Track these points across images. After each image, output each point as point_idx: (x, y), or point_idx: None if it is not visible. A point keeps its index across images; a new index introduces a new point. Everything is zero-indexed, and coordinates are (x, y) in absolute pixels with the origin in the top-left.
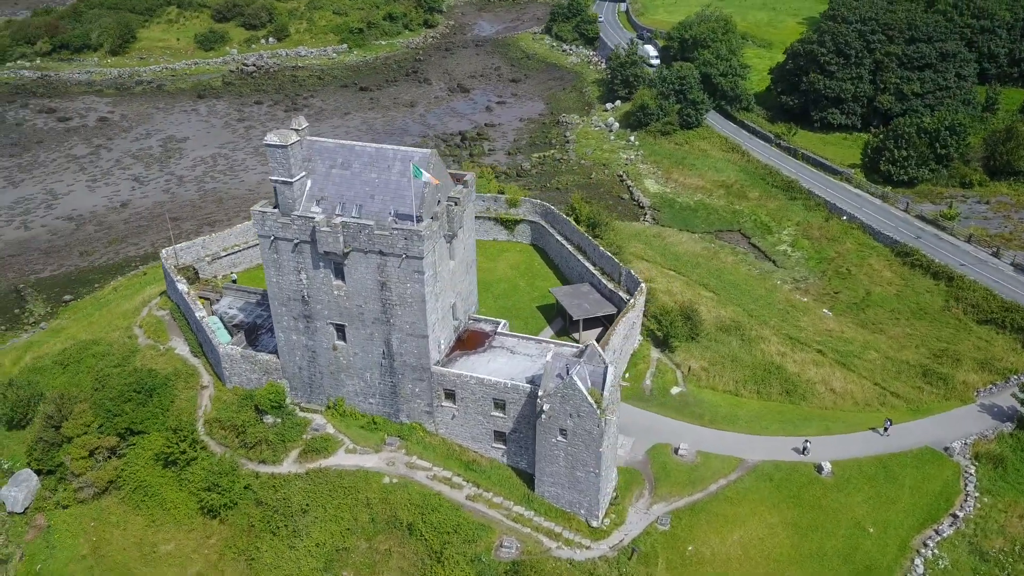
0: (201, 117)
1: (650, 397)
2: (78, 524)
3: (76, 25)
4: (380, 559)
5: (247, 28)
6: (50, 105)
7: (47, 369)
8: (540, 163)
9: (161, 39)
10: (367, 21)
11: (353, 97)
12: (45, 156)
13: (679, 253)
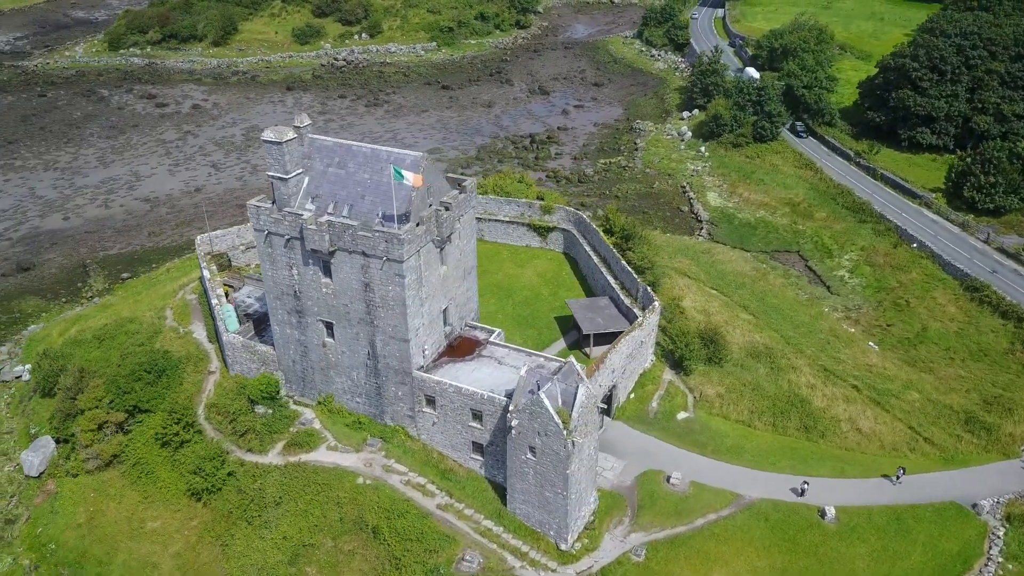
0: (286, 108)
1: (653, 420)
2: (81, 493)
3: (185, 16)
4: (343, 559)
5: (343, 24)
6: (151, 91)
7: (85, 342)
8: (604, 169)
9: (261, 32)
10: (458, 20)
11: (433, 95)
12: (137, 139)
13: (725, 272)
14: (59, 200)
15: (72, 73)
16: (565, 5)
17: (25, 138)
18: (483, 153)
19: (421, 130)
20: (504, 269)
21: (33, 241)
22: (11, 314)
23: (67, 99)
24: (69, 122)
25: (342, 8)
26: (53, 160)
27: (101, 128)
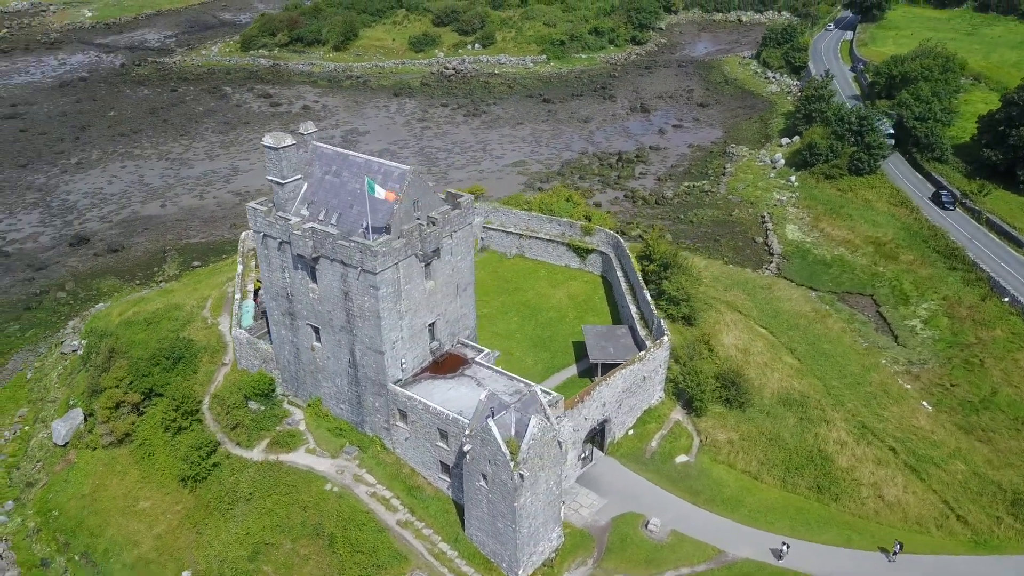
0: (388, 114)
1: (648, 460)
2: (93, 466)
3: (313, 21)
4: (298, 562)
5: (460, 33)
6: (269, 91)
7: (136, 324)
8: (686, 193)
9: (379, 39)
10: (570, 34)
11: (533, 108)
12: (245, 136)
13: (781, 310)
14: (162, 188)
15: (204, 71)
16: (690, 22)
17: (148, 129)
18: (566, 168)
19: (511, 142)
20: (537, 288)
21: (129, 225)
22: (90, 291)
23: (194, 95)
24: (190, 116)
25: (460, 18)
26: (167, 151)
27: (216, 123)
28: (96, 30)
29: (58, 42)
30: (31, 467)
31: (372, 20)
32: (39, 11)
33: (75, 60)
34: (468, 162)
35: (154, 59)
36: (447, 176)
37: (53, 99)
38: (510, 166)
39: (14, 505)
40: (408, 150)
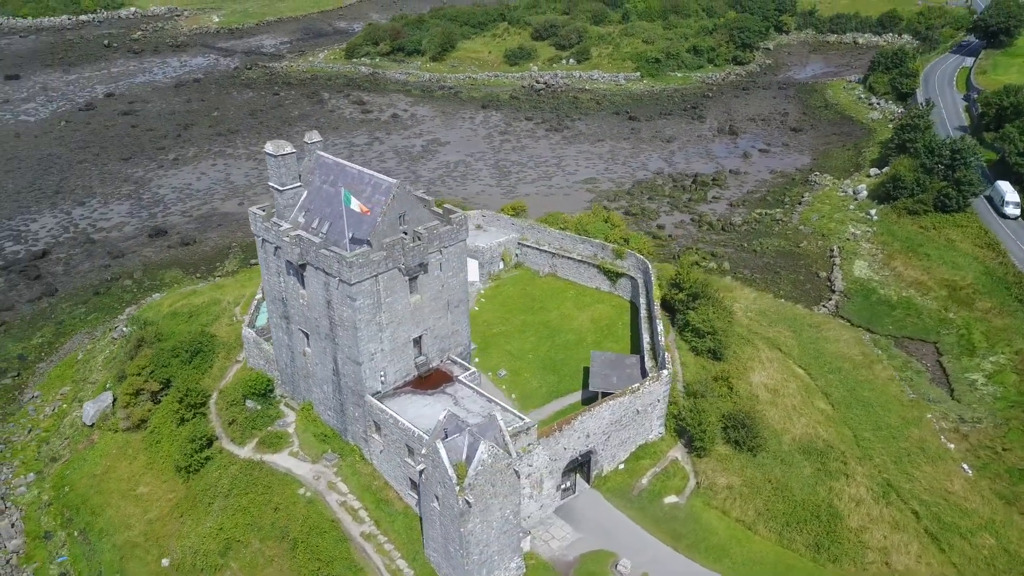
0: (472, 125)
1: (634, 498)
2: (109, 448)
3: (415, 32)
4: (263, 562)
5: (557, 48)
6: (364, 98)
7: (180, 316)
8: (756, 220)
9: (476, 51)
10: (667, 52)
11: (617, 125)
12: (332, 140)
13: (825, 351)
14: (244, 187)
15: (307, 76)
16: (801, 43)
17: (245, 130)
18: (637, 188)
19: (588, 159)
20: (561, 309)
21: (206, 220)
22: (154, 280)
23: (293, 99)
24: (285, 119)
25: (559, 33)
26: (256, 151)
27: (306, 127)
28: (220, 35)
29: (184, 45)
30: (59, 443)
31: (473, 32)
32: (174, 15)
33: (195, 62)
34: (539, 177)
35: (264, 63)
36: (515, 190)
37: (167, 98)
38: (581, 183)
39: (35, 478)
40: (483, 162)
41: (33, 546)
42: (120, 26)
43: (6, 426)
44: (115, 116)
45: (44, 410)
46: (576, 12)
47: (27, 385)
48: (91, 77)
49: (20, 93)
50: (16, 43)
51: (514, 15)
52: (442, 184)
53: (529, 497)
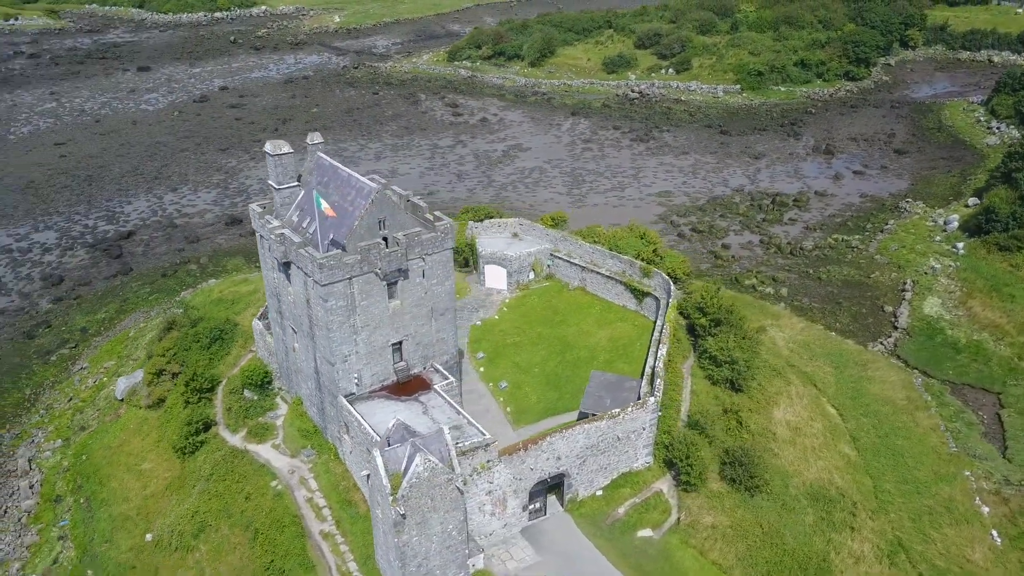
0: (558, 132)
1: (606, 527)
2: (129, 423)
3: (518, 37)
4: (227, 549)
5: (659, 57)
6: (457, 101)
7: (223, 302)
8: (829, 247)
9: (575, 57)
10: (771, 64)
11: (706, 139)
12: (418, 141)
13: (865, 392)
14: None
15: (408, 77)
16: (928, 60)
17: (338, 127)
18: (711, 204)
19: (668, 171)
20: (581, 325)
21: None
22: (217, 267)
23: (389, 99)
24: (378, 118)
25: (662, 41)
26: (343, 148)
27: (397, 127)
28: (337, 34)
29: (301, 43)
30: (91, 414)
31: (575, 39)
32: (301, 14)
33: (308, 60)
34: (613, 187)
35: (371, 63)
36: (585, 199)
37: (274, 93)
38: (654, 195)
39: (62, 444)
40: (558, 169)
41: (44, 508)
42: (249, 23)
43: (52, 393)
44: (224, 109)
45: (87, 381)
46: (683, 21)
47: (80, 356)
48: (212, 71)
49: (147, 84)
50: (155, 37)
51: (620, 22)
52: (512, 190)
53: (491, 515)
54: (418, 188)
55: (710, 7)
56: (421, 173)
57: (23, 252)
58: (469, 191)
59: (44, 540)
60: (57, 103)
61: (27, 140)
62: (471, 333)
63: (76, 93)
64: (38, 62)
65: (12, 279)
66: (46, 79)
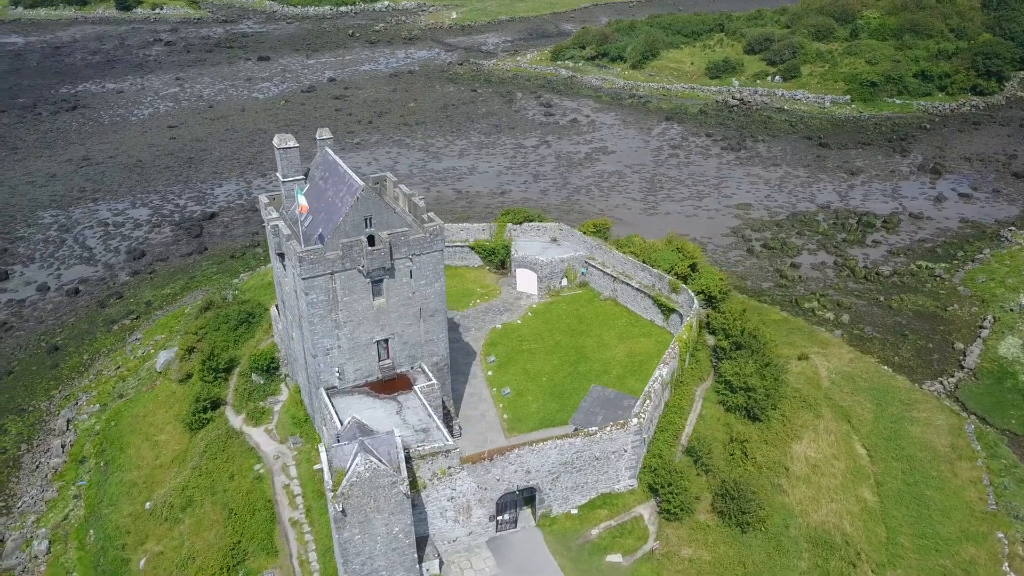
0: (646, 137)
1: (575, 547)
2: (160, 395)
3: (623, 38)
4: (206, 525)
5: (768, 63)
6: (553, 100)
7: (271, 287)
8: (909, 274)
9: (678, 61)
10: (887, 75)
11: (802, 150)
12: (504, 140)
13: (904, 434)
14: (403, 176)
15: (509, 76)
16: None
17: (430, 122)
18: (791, 220)
19: (753, 183)
20: (603, 337)
21: None
22: None
23: (486, 97)
24: (471, 116)
25: (772, 47)
26: (430, 144)
27: (487, 125)
28: (451, 31)
29: (415, 38)
30: (132, 383)
31: (683, 41)
32: (420, 10)
33: (418, 55)
34: (690, 196)
35: (476, 60)
36: (658, 207)
37: (378, 86)
38: (732, 207)
39: (99, 409)
40: (639, 175)
41: (69, 467)
42: (370, 18)
43: (105, 360)
44: (327, 99)
45: (137, 352)
46: (798, 26)
47: (139, 328)
48: (325, 63)
49: (263, 73)
50: (281, 29)
51: (733, 26)
52: (586, 193)
53: (455, 521)
54: (492, 187)
55: (830, 12)
56: (499, 172)
57: (117, 226)
58: (542, 192)
59: (61, 497)
60: (180, 88)
61: (145, 122)
62: (489, 336)
63: (198, 79)
64: (172, 49)
65: (101, 251)
66: (175, 65)
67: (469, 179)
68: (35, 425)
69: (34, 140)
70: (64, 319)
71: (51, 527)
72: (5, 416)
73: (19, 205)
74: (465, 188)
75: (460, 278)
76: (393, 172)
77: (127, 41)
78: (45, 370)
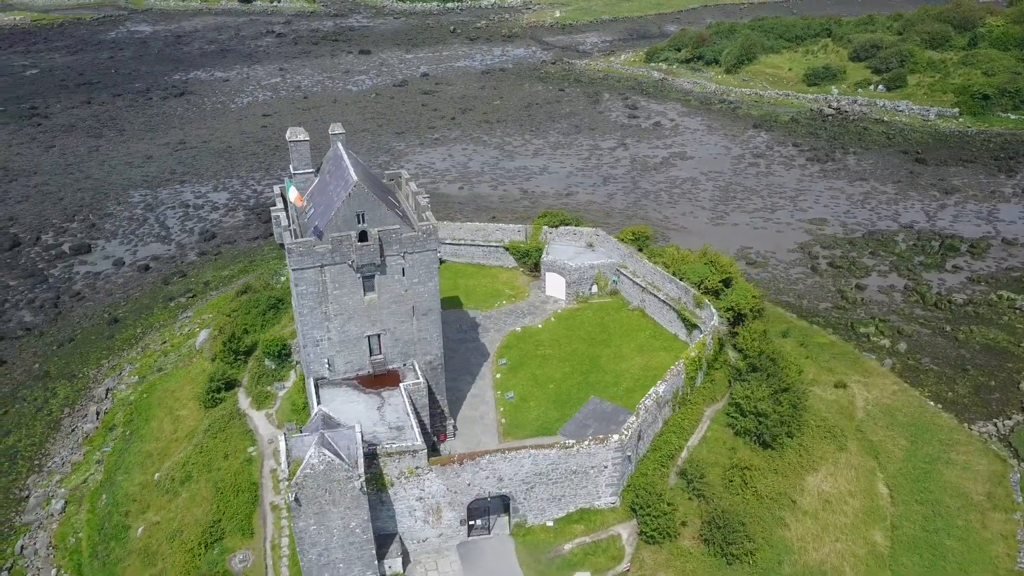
0: (728, 144)
1: (545, 561)
2: (193, 371)
3: (722, 41)
4: (198, 501)
5: (874, 71)
6: (639, 103)
7: None
8: (987, 303)
9: (775, 66)
10: (1003, 88)
11: (895, 165)
12: (581, 141)
13: (937, 477)
14: (475, 174)
15: (599, 76)
16: None
17: (511, 121)
18: (865, 239)
19: (833, 197)
20: (622, 348)
21: None
22: None
23: (572, 97)
24: (552, 116)
25: (879, 55)
26: (507, 142)
27: (567, 126)
28: (552, 29)
29: (514, 36)
30: (173, 358)
31: (784, 46)
32: (525, 8)
33: (514, 53)
34: (762, 207)
35: (569, 60)
36: (726, 217)
37: (468, 83)
38: (805, 221)
39: (137, 381)
40: (713, 183)
41: (100, 433)
42: (475, 15)
43: (154, 334)
44: (417, 94)
45: (184, 329)
46: (910, 32)
47: (192, 306)
48: (422, 58)
49: (361, 66)
50: (388, 23)
51: (841, 31)
52: (654, 199)
53: (424, 522)
54: (559, 188)
55: (948, 19)
56: (569, 173)
57: (196, 208)
58: (609, 195)
59: (86, 461)
60: (281, 78)
61: (243, 110)
62: (506, 338)
63: (300, 71)
64: (282, 41)
65: (178, 231)
66: (281, 56)
67: (538, 179)
68: (81, 391)
69: (140, 123)
70: (130, 293)
71: (70, 488)
72: (58, 380)
73: (114, 184)
74: (532, 188)
75: (492, 278)
76: (464, 169)
77: (242, 32)
78: (102, 340)
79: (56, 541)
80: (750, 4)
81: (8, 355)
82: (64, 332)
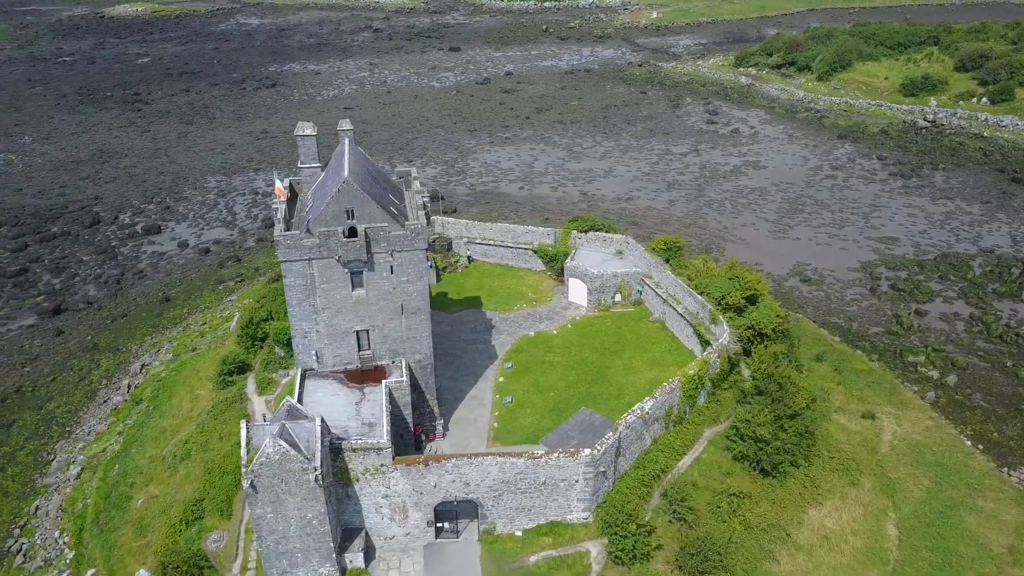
0: (806, 154)
1: (507, 570)
2: (220, 353)
3: (817, 46)
4: (191, 479)
5: (980, 83)
6: (720, 108)
7: None
8: None
9: (871, 74)
10: None
11: (987, 184)
12: (652, 145)
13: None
14: (537, 174)
15: (685, 80)
16: None
17: (584, 122)
18: (936, 262)
19: (910, 215)
20: (633, 360)
21: (482, 196)
22: None
23: (652, 100)
24: (629, 118)
25: (988, 65)
26: (575, 144)
27: (642, 129)
28: (646, 31)
29: (606, 36)
30: (208, 339)
31: (884, 54)
32: (623, 8)
33: (603, 54)
34: (829, 223)
35: (656, 62)
36: (789, 231)
37: (550, 82)
38: (874, 240)
39: (171, 359)
40: (785, 193)
41: (127, 406)
42: (570, 14)
43: (197, 315)
44: (497, 92)
45: (224, 312)
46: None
47: (238, 290)
48: (510, 56)
49: (448, 63)
50: (483, 22)
51: (949, 39)
52: (715, 208)
53: (391, 520)
54: (620, 192)
55: None
56: (634, 177)
57: (264, 196)
58: (670, 202)
59: (109, 432)
60: (369, 73)
61: (328, 102)
62: (517, 342)
63: (388, 66)
64: (378, 36)
65: (243, 217)
66: (374, 51)
67: (601, 182)
68: (121, 364)
69: (230, 112)
70: (187, 274)
71: (89, 456)
72: (104, 353)
73: (195, 169)
74: (593, 191)
75: (518, 280)
76: (528, 169)
77: (342, 27)
78: (151, 318)
79: (66, 505)
80: (860, 9)
81: (68, 326)
82: (120, 308)
